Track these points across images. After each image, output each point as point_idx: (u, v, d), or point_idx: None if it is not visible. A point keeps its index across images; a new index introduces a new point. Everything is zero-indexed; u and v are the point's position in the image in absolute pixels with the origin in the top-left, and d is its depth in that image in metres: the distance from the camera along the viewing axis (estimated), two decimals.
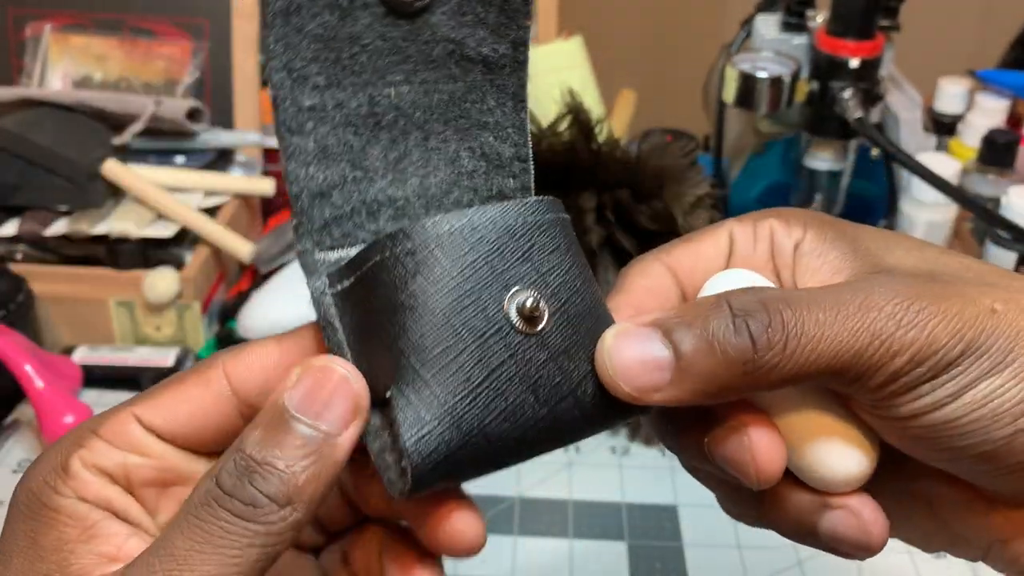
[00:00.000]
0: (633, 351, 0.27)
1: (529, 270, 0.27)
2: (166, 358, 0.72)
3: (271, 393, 0.27)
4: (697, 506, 0.61)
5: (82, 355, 0.72)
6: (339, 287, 0.28)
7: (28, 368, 0.64)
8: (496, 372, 0.27)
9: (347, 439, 0.27)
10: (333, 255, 0.29)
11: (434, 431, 0.26)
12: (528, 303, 0.27)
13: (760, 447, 0.28)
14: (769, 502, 0.31)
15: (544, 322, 0.27)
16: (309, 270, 0.29)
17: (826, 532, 0.29)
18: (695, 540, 0.59)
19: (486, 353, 0.26)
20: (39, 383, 0.64)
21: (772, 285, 0.31)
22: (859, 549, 0.29)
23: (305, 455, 0.26)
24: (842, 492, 0.30)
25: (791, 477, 0.30)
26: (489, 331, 0.27)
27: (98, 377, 0.71)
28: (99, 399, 0.70)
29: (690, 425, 0.30)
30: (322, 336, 0.29)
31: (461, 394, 0.26)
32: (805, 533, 0.30)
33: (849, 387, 0.28)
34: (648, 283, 0.32)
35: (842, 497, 0.29)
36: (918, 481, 0.31)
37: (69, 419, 0.63)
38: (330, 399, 0.26)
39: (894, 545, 0.32)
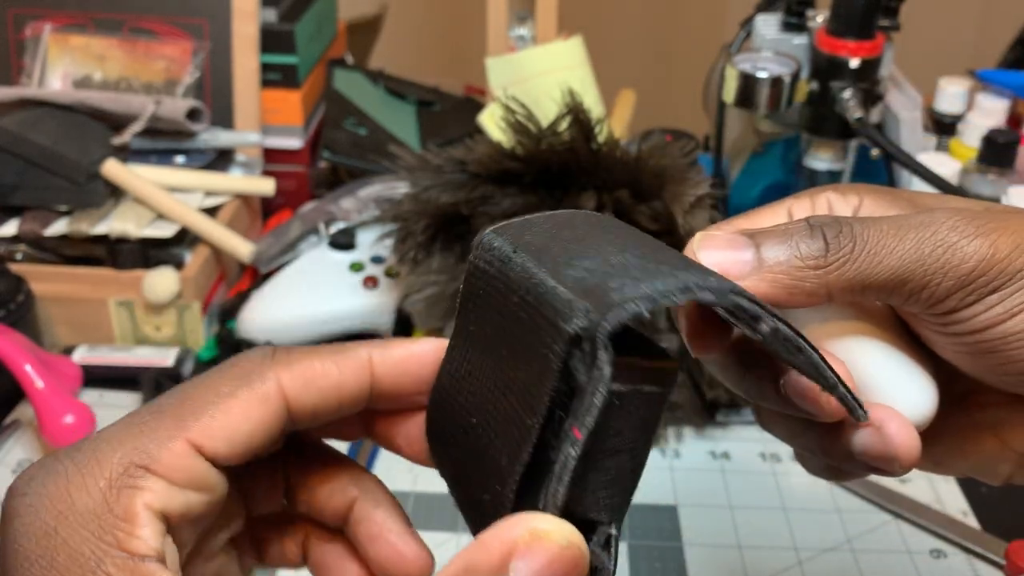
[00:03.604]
0: (721, 246, 0.29)
1: None
2: (166, 358, 0.72)
3: (477, 549, 0.23)
4: (697, 506, 0.61)
5: (82, 355, 0.72)
6: (616, 386, 0.25)
7: (28, 368, 0.64)
8: None
9: None
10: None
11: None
12: None
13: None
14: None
15: None
16: (604, 346, 0.23)
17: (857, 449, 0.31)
18: (695, 540, 0.59)
19: None
20: (39, 383, 0.64)
21: None
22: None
23: None
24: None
25: None
26: None
27: (98, 377, 0.71)
28: (99, 399, 0.70)
29: (765, 371, 0.32)
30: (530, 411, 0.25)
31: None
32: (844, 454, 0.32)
33: (914, 300, 0.29)
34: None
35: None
36: (984, 412, 0.33)
37: (69, 419, 0.63)
38: None
39: (895, 545, 0.32)
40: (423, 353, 0.30)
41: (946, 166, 0.73)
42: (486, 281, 0.27)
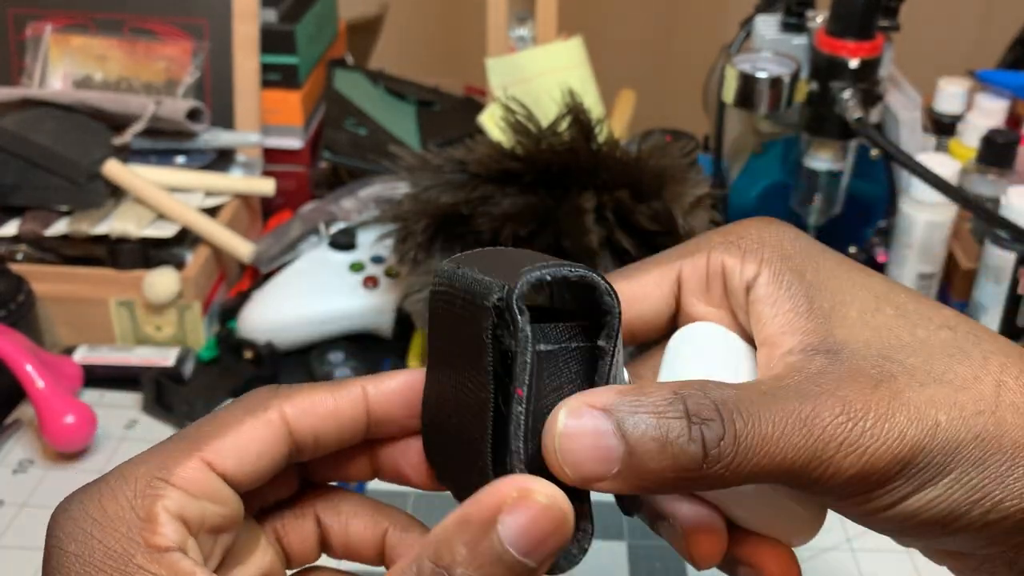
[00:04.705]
0: (584, 440, 0.27)
1: None
2: (167, 358, 0.72)
3: (471, 504, 0.25)
4: None
5: (82, 355, 0.72)
6: (542, 347, 0.28)
7: (29, 368, 0.64)
8: None
9: (543, 572, 0.26)
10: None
11: None
12: None
13: (699, 549, 0.30)
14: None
15: None
16: (519, 310, 0.27)
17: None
18: None
19: None
20: (40, 383, 0.64)
21: (742, 342, 0.31)
22: None
23: None
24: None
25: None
26: None
27: (98, 377, 0.71)
28: (100, 399, 0.70)
29: (641, 506, 0.32)
30: (482, 385, 0.28)
31: None
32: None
33: (791, 482, 0.28)
34: None
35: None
36: None
37: (70, 419, 0.63)
38: (545, 539, 0.25)
39: (895, 545, 0.32)
40: (412, 380, 0.32)
41: (946, 166, 0.73)
42: (440, 299, 0.30)
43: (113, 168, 0.77)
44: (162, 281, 0.72)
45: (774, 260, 0.31)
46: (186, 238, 0.78)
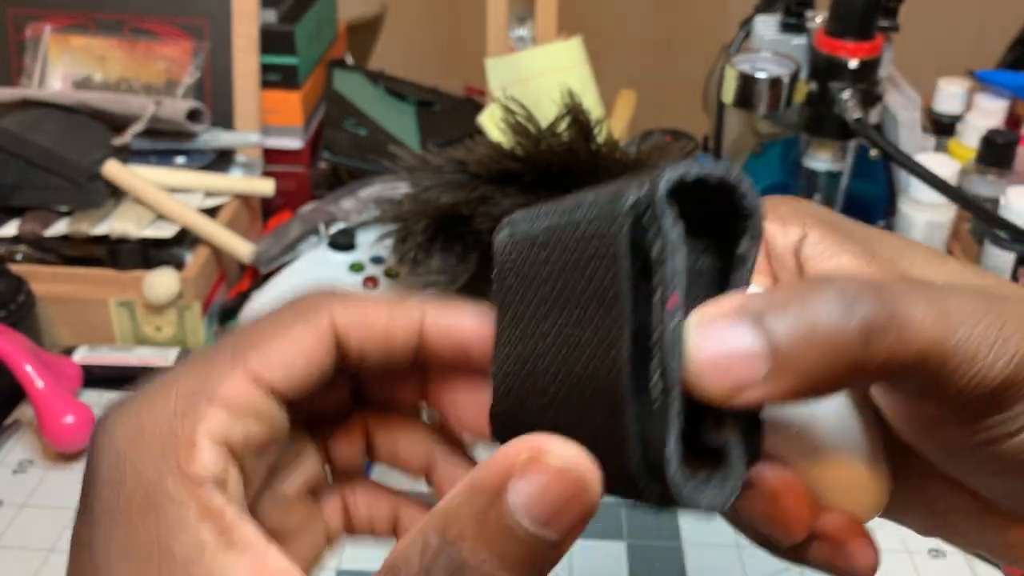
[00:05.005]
0: (721, 345, 0.23)
1: None
2: (167, 358, 0.72)
3: (481, 469, 0.22)
4: None
5: (82, 355, 0.72)
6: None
7: (28, 368, 0.64)
8: None
9: (568, 545, 0.23)
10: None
11: None
12: None
13: (791, 512, 0.27)
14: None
15: None
16: (663, 210, 0.23)
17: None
18: (694, 540, 0.59)
19: None
20: (39, 383, 0.64)
21: None
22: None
23: (524, 567, 0.22)
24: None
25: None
26: None
27: (98, 377, 0.71)
28: (99, 399, 0.70)
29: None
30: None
31: None
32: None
33: (934, 385, 0.25)
34: None
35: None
36: (923, 485, 0.30)
37: (69, 419, 0.63)
38: (563, 507, 0.22)
39: (894, 545, 0.32)
40: (478, 325, 0.29)
41: (945, 167, 0.73)
42: (517, 246, 0.27)
43: (113, 168, 0.77)
44: (162, 281, 0.72)
45: (817, 225, 0.29)
46: (186, 238, 0.78)
